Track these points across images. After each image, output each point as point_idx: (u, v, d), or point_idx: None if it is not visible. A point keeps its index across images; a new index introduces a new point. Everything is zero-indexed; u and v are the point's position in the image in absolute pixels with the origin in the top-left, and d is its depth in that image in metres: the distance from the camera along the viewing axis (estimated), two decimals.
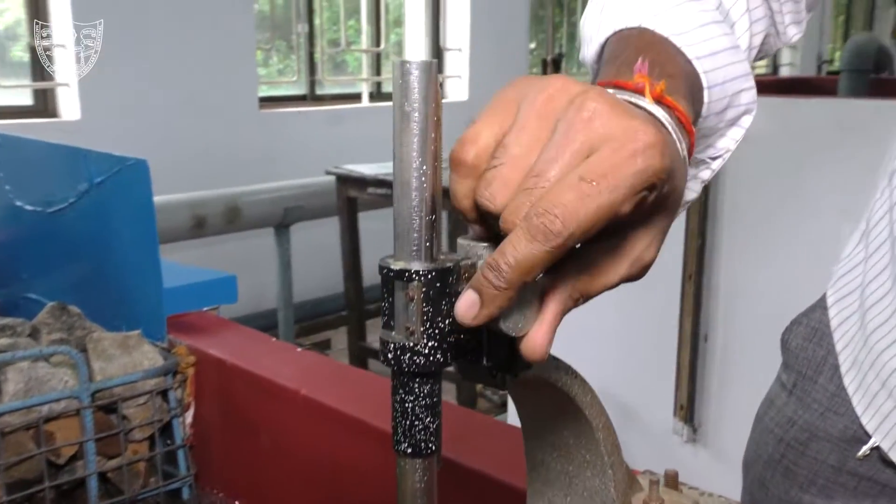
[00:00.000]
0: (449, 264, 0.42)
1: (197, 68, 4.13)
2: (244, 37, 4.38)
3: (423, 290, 0.41)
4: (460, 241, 0.44)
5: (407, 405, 0.43)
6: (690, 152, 0.49)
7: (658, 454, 2.26)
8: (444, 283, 0.42)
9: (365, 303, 3.80)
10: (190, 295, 1.10)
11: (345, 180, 3.54)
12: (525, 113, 0.41)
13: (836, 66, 8.63)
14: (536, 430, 0.54)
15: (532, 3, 5.93)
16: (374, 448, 0.79)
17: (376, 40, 5.33)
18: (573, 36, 6.18)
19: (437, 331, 0.42)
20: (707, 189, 2.13)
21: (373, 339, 3.97)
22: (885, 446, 0.79)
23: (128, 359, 0.99)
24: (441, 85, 0.42)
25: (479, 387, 3.40)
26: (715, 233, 2.13)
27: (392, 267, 0.42)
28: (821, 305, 0.87)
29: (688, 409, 2.23)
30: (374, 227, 4.08)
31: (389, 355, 0.42)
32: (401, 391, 0.43)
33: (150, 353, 0.99)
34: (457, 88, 5.59)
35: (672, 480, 0.60)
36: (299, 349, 0.98)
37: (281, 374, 0.90)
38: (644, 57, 0.50)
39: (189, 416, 1.01)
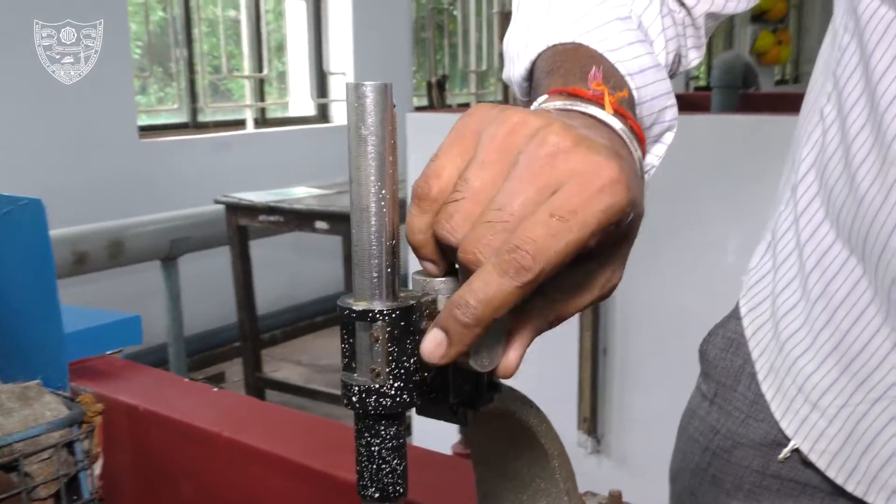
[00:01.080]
0: (412, 301, 0.41)
1: (71, 98, 3.95)
2: (120, 64, 4.23)
3: (388, 329, 0.40)
4: (415, 276, 0.43)
5: (373, 448, 0.41)
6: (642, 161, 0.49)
7: None
8: (409, 322, 0.40)
9: (260, 332, 3.70)
10: (92, 338, 1.04)
11: (234, 209, 3.45)
12: (486, 146, 0.40)
13: (702, 82, 9.08)
14: (488, 460, 0.53)
15: (414, 26, 5.97)
16: (306, 489, 0.76)
17: (259, 66, 5.25)
18: (455, 57, 6.26)
19: (402, 371, 0.40)
20: None
21: (270, 369, 3.88)
22: (804, 448, 0.82)
23: (28, 411, 0.92)
24: (393, 107, 0.41)
25: None
26: None
27: (354, 307, 0.40)
28: (735, 315, 0.89)
29: (591, 421, 2.27)
30: (266, 254, 3.99)
31: (354, 398, 0.40)
32: (366, 434, 0.41)
33: (52, 403, 0.93)
34: (343, 112, 5.57)
35: (616, 500, 0.61)
36: (215, 389, 0.94)
37: (199, 416, 0.86)
38: (597, 66, 0.51)
39: (98, 468, 0.95)
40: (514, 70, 0.65)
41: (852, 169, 0.74)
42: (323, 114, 5.70)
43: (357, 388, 0.40)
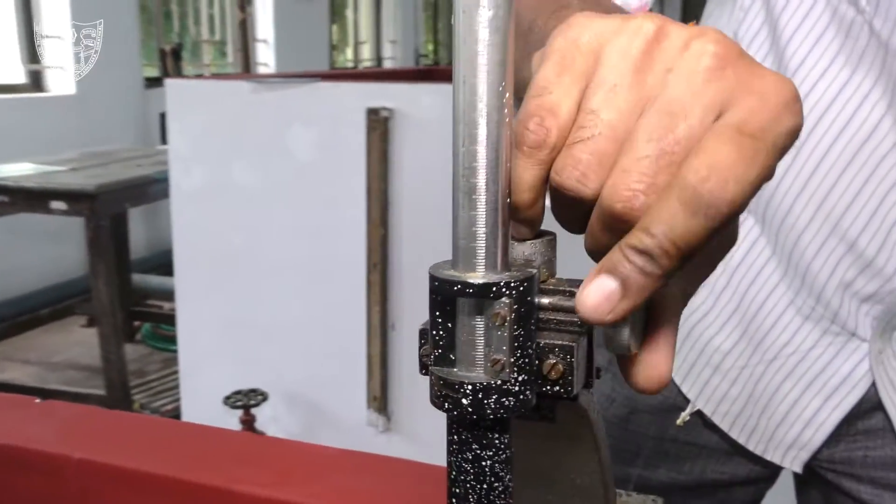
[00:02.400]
0: (531, 270, 0.32)
1: None
2: None
3: (515, 307, 0.31)
4: None
5: (485, 463, 0.32)
6: None
7: (354, 447, 2.22)
8: (533, 297, 0.31)
9: None
10: None
11: None
12: (615, 66, 0.32)
13: (430, 59, 9.34)
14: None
15: None
16: None
17: None
18: (187, 28, 5.86)
19: (527, 360, 0.31)
20: (385, 179, 2.13)
21: None
22: (707, 411, 0.82)
23: None
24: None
25: (137, 404, 3.07)
26: (395, 222, 2.13)
27: (468, 280, 0.30)
28: None
29: (381, 399, 2.22)
30: None
31: (463, 401, 0.31)
32: (475, 447, 0.32)
33: None
34: (60, 81, 5.01)
35: None
36: (38, 400, 0.76)
37: (35, 437, 0.68)
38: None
39: None
40: None
41: None
42: (35, 82, 5.09)
43: (469, 388, 0.31)
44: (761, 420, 0.81)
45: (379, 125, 2.07)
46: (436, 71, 3.84)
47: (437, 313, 0.31)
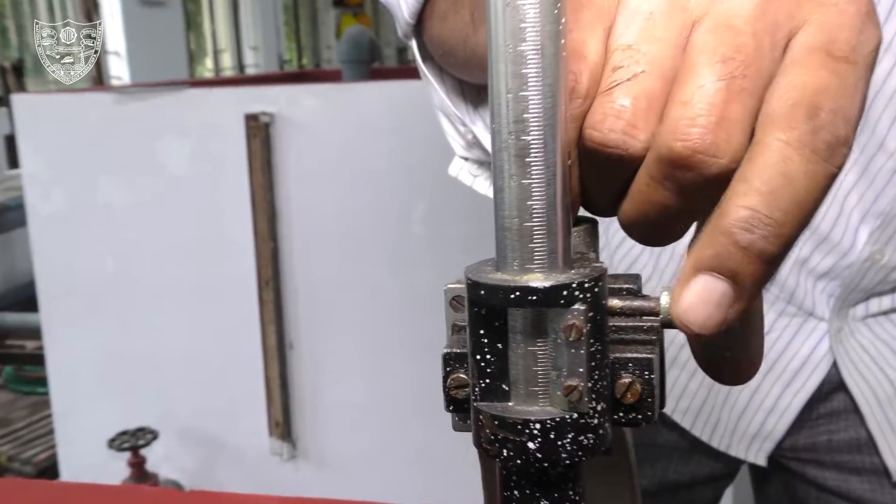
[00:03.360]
0: (600, 264, 0.25)
1: None
2: None
3: (591, 315, 0.23)
4: None
5: None
6: None
7: (259, 479, 2.11)
8: (606, 300, 0.25)
9: None
10: None
11: None
12: None
13: (294, 65, 9.19)
14: None
15: None
16: None
17: None
18: (28, 44, 5.50)
19: (604, 383, 0.24)
20: (270, 189, 2.02)
21: None
22: (668, 409, 0.78)
23: None
24: None
25: (3, 458, 2.83)
26: (286, 233, 2.04)
27: (530, 284, 0.23)
28: None
29: (284, 425, 2.11)
30: None
31: (531, 445, 0.24)
32: (543, 500, 0.24)
33: None
34: None
35: None
36: None
37: None
38: None
39: None
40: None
41: None
42: None
43: (537, 427, 0.23)
44: (723, 413, 0.77)
45: (259, 131, 1.97)
46: (308, 74, 3.74)
47: (482, 332, 0.24)
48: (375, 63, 3.69)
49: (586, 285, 0.23)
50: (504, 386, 0.24)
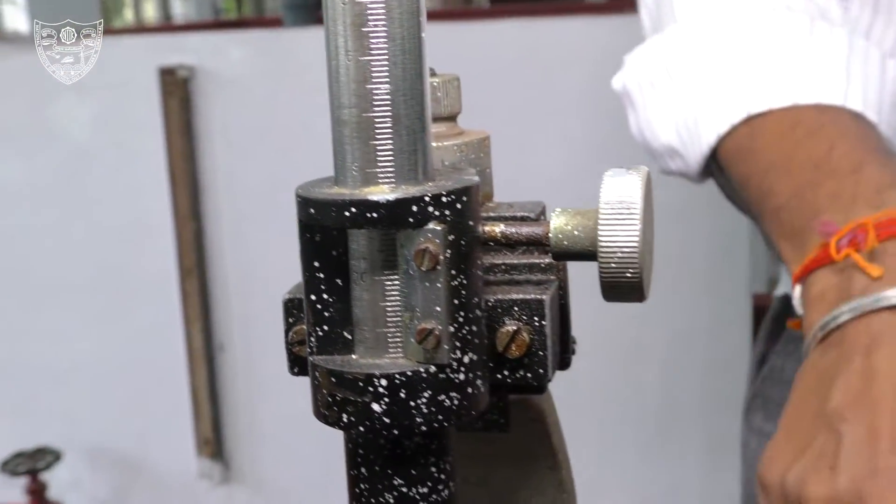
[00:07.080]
0: (471, 177, 0.23)
1: None
2: None
3: (452, 239, 0.22)
4: None
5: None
6: None
7: None
8: (477, 221, 0.23)
9: None
10: None
11: None
12: None
13: (234, 14, 9.17)
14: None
15: None
16: None
17: None
18: None
19: (474, 328, 0.23)
20: (192, 158, 2.01)
21: None
22: None
23: None
24: None
25: None
26: (212, 212, 2.03)
27: (369, 197, 0.21)
28: None
29: (214, 442, 2.11)
30: None
31: (376, 407, 0.22)
32: (397, 482, 0.23)
33: None
34: None
35: None
36: None
37: None
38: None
39: None
40: (690, 156, 0.60)
41: None
42: None
43: (383, 383, 0.22)
44: None
45: (177, 89, 1.96)
46: (242, 22, 3.72)
47: (317, 263, 0.22)
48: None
49: (444, 199, 0.22)
50: (346, 334, 0.22)
